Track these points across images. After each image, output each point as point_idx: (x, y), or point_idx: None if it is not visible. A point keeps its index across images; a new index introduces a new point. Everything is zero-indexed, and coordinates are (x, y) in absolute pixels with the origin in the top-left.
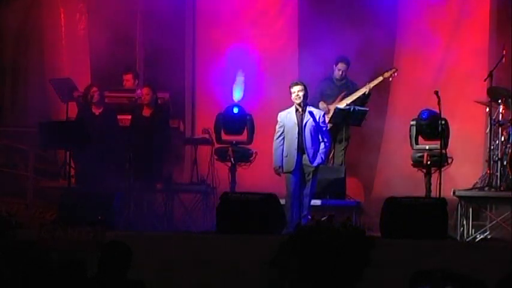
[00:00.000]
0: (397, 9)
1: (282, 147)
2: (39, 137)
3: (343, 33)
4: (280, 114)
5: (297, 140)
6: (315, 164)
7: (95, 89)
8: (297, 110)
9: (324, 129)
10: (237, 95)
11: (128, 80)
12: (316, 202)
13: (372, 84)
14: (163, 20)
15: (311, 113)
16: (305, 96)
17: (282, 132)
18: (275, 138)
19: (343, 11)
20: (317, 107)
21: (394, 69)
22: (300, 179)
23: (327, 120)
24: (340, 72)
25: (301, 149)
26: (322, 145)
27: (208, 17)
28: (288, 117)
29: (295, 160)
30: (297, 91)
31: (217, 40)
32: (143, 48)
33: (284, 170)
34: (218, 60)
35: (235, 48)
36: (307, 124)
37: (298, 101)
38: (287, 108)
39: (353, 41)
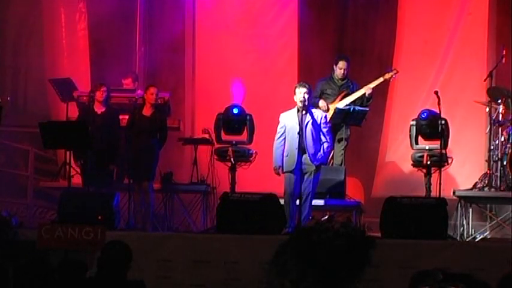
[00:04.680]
0: (396, 9)
1: (282, 147)
2: (42, 137)
3: (343, 33)
4: (282, 115)
5: (297, 139)
6: (316, 162)
7: (104, 88)
8: (298, 110)
9: (326, 130)
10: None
11: (127, 84)
12: (316, 202)
13: (372, 85)
14: (163, 20)
15: (312, 114)
16: (309, 98)
17: (283, 133)
18: (276, 138)
19: (343, 12)
20: (317, 106)
21: (394, 71)
22: (300, 179)
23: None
24: (342, 71)
25: (302, 148)
26: (324, 145)
27: (209, 17)
28: (289, 117)
29: (295, 159)
30: (303, 93)
31: (217, 40)
32: (143, 48)
33: (285, 170)
34: (218, 60)
35: (235, 48)
36: (308, 124)
37: (301, 104)
38: (288, 109)
39: (353, 40)
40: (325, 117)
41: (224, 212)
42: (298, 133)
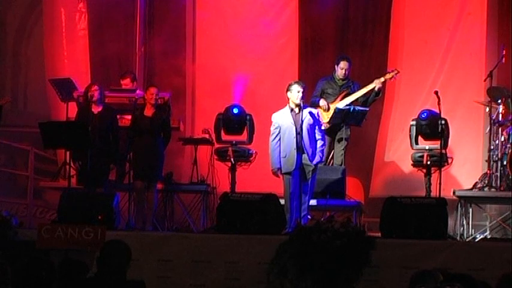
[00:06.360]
0: (395, 9)
1: (279, 148)
2: (42, 137)
3: (343, 34)
4: (274, 115)
5: (295, 139)
6: (315, 162)
7: (95, 87)
8: (292, 109)
9: (320, 126)
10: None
11: (126, 84)
12: (316, 202)
13: (382, 79)
14: (164, 20)
15: (311, 113)
16: (303, 97)
17: (278, 134)
18: (271, 140)
19: (344, 12)
20: (317, 105)
21: (396, 71)
22: (300, 179)
23: (326, 119)
24: (343, 71)
25: (300, 148)
26: (319, 143)
27: (209, 17)
28: (283, 117)
29: (295, 160)
30: (300, 92)
31: (217, 40)
32: (143, 48)
33: (284, 171)
34: (218, 60)
35: (236, 48)
36: (304, 123)
37: (298, 102)
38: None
39: (353, 40)
40: (318, 114)
41: (224, 212)
42: (298, 133)
